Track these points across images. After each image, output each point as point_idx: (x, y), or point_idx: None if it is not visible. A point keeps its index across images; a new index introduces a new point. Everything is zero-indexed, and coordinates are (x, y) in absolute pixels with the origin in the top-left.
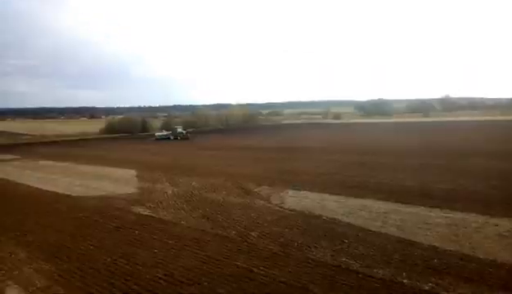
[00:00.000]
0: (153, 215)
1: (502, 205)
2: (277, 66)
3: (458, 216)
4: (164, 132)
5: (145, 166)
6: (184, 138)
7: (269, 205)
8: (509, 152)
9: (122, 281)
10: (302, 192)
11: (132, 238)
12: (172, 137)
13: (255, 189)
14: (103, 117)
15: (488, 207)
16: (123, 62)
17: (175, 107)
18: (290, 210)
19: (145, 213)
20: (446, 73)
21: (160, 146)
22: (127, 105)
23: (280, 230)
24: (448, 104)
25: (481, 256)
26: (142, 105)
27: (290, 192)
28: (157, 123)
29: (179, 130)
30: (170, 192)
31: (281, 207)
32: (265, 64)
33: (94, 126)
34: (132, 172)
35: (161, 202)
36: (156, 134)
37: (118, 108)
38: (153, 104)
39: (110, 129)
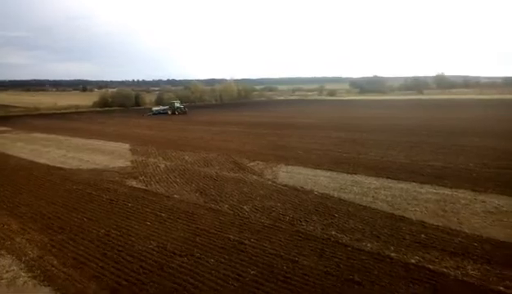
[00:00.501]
0: (146, 188)
1: (491, 182)
2: (272, 42)
3: (447, 192)
4: (162, 107)
5: (139, 140)
6: (182, 113)
7: (262, 180)
8: (503, 131)
9: (114, 252)
10: (295, 167)
11: (125, 211)
12: (170, 112)
13: (249, 164)
14: (96, 90)
15: (477, 184)
16: (116, 36)
17: (169, 81)
18: (283, 185)
19: (138, 186)
20: (440, 51)
21: (155, 121)
22: (120, 79)
23: (273, 204)
24: (442, 82)
25: (467, 231)
26: (136, 79)
27: (283, 167)
28: (150, 98)
29: (177, 104)
30: (163, 166)
31: (274, 182)
32: (260, 40)
33: (87, 100)
34: (126, 146)
35: (154, 176)
36: (153, 108)
37: (111, 81)
38: (146, 78)
39: (104, 103)
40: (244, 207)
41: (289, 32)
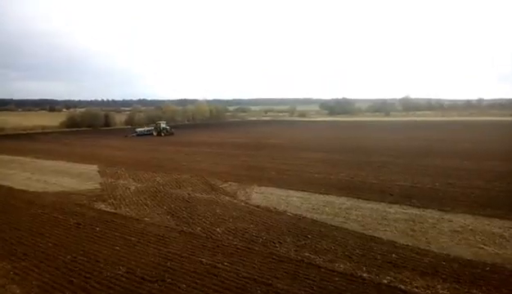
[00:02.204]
0: (115, 211)
1: (457, 202)
2: (244, 63)
3: (415, 212)
4: (146, 128)
5: (108, 161)
6: (168, 134)
7: (235, 201)
8: (464, 151)
9: (82, 279)
10: (268, 188)
11: (93, 235)
12: (155, 133)
13: (221, 185)
14: (64, 110)
15: (444, 203)
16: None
17: (139, 101)
18: (256, 206)
19: (107, 209)
20: (406, 75)
21: (126, 141)
22: (89, 98)
23: (246, 226)
24: (408, 105)
25: (436, 251)
26: (105, 99)
27: (256, 188)
28: (121, 118)
29: (163, 125)
30: (133, 188)
31: (247, 203)
32: (231, 61)
33: (54, 120)
34: (94, 167)
35: (124, 199)
36: (137, 129)
37: (80, 101)
38: (116, 98)
39: (71, 123)
40: (217, 230)
41: (261, 53)
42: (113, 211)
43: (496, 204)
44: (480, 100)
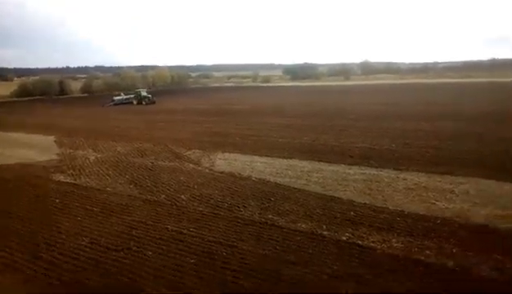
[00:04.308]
0: (75, 182)
1: (412, 161)
2: (206, 28)
3: (373, 172)
4: (124, 96)
5: (66, 131)
6: (150, 102)
7: (199, 168)
8: (422, 113)
9: (44, 251)
10: (232, 154)
11: (53, 207)
12: (135, 102)
13: (185, 153)
14: (15, 79)
15: (400, 163)
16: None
17: (97, 68)
18: (220, 172)
19: (67, 180)
20: (365, 39)
21: (82, 110)
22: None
23: (210, 192)
24: (367, 69)
25: (391, 208)
26: (60, 66)
27: (220, 154)
28: (77, 85)
29: (144, 93)
30: (93, 158)
31: (211, 170)
32: (193, 27)
33: (4, 89)
34: (51, 138)
35: (83, 169)
36: (115, 98)
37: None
38: (71, 65)
39: (24, 92)
40: (182, 197)
41: (222, 19)
42: (72, 181)
43: (448, 162)
44: (435, 63)
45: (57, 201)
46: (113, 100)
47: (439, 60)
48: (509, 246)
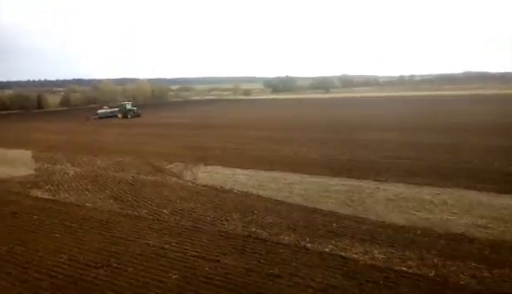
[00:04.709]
0: (53, 198)
1: (391, 172)
2: (186, 42)
3: (354, 183)
4: (108, 109)
5: (44, 146)
6: (135, 115)
7: (181, 181)
8: (399, 125)
9: (20, 269)
10: (214, 167)
11: (30, 224)
12: (120, 115)
13: (167, 167)
14: None
15: (379, 174)
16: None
17: (75, 81)
18: (203, 185)
19: (44, 196)
20: (345, 53)
21: (62, 124)
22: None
23: (193, 206)
24: (346, 82)
25: (372, 218)
26: (38, 79)
27: (202, 167)
28: (55, 99)
29: (129, 106)
30: (72, 173)
31: (194, 183)
32: (174, 39)
33: None
34: (28, 153)
35: (62, 184)
36: (99, 111)
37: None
38: (49, 78)
39: (0, 106)
40: (164, 211)
41: (203, 32)
42: (51, 197)
43: (425, 173)
44: (412, 76)
45: (35, 217)
46: (97, 114)
47: (415, 73)
48: (485, 254)
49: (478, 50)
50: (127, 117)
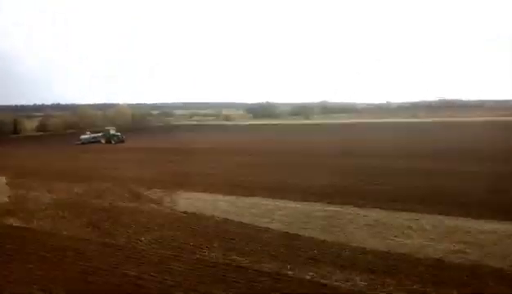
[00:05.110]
0: (27, 226)
1: (370, 198)
2: (167, 66)
3: (334, 208)
4: (91, 135)
5: (19, 172)
6: (119, 141)
7: (160, 208)
8: (376, 150)
9: None
10: (194, 193)
11: (2, 254)
12: (103, 141)
13: (146, 193)
14: None
15: (359, 199)
16: None
17: (54, 106)
18: (182, 212)
19: (17, 224)
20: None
21: (39, 149)
22: None
23: (172, 234)
24: (326, 108)
25: (353, 244)
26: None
27: (182, 194)
28: (32, 124)
29: (112, 132)
30: (48, 200)
31: (173, 210)
32: (153, 64)
33: None
34: (2, 179)
35: (37, 212)
36: (82, 136)
37: None
38: (27, 103)
39: None
40: (142, 239)
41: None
42: (24, 226)
43: (404, 199)
44: (388, 104)
45: (7, 247)
46: (80, 139)
47: (392, 101)
48: (465, 280)
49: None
50: (110, 142)
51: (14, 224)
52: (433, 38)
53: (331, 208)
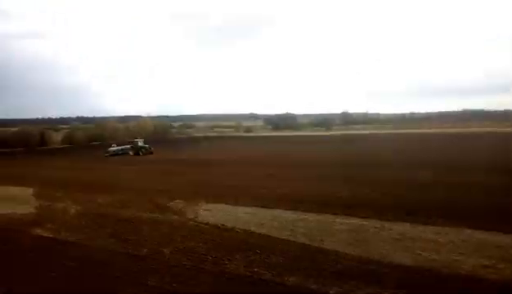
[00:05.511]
0: (53, 236)
1: (394, 210)
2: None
3: (358, 222)
4: (119, 147)
5: (46, 183)
6: (148, 152)
7: (182, 219)
8: (400, 161)
9: None
10: (216, 205)
11: (28, 263)
12: (132, 152)
13: (168, 204)
14: None
15: (383, 212)
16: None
17: (78, 119)
18: (204, 223)
19: (45, 235)
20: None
21: (64, 161)
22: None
23: (194, 245)
24: (347, 119)
25: (378, 259)
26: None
27: (204, 205)
28: (58, 136)
29: (140, 143)
30: (73, 211)
31: (195, 221)
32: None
33: None
34: (29, 191)
35: (63, 223)
36: (110, 148)
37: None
38: (53, 116)
39: (3, 143)
40: (165, 250)
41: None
42: (50, 236)
43: (428, 212)
44: (412, 114)
45: (34, 256)
46: (108, 151)
47: (415, 111)
48: None
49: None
50: (138, 154)
51: (40, 235)
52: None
53: (355, 221)
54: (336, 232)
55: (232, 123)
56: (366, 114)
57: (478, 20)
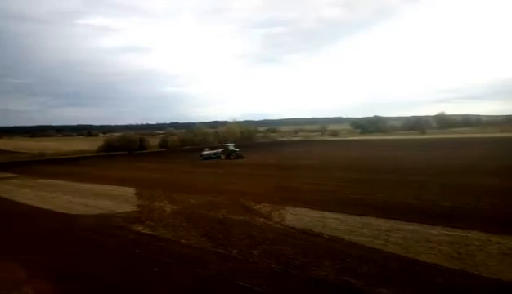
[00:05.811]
0: (152, 233)
1: (502, 222)
2: (274, 84)
3: (460, 233)
4: (212, 151)
5: (145, 183)
6: (238, 157)
7: (270, 222)
8: (505, 169)
9: None
10: (302, 209)
11: (132, 257)
12: (223, 156)
13: (255, 207)
14: (101, 135)
15: (489, 225)
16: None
17: (172, 124)
18: (291, 228)
19: (145, 232)
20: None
21: (161, 164)
22: (124, 123)
23: (282, 248)
24: (444, 122)
25: (485, 275)
26: (139, 123)
27: (290, 209)
28: (155, 141)
29: (231, 148)
30: (169, 210)
31: (282, 225)
32: (262, 82)
33: (92, 144)
34: (131, 190)
35: (160, 221)
36: (203, 152)
37: (115, 126)
38: (150, 122)
39: (108, 147)
40: (253, 252)
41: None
42: (150, 233)
43: None
44: None
45: (137, 251)
46: (201, 155)
47: None
48: None
49: None
50: (230, 158)
51: (142, 231)
52: None
53: (456, 233)
54: (435, 243)
55: (317, 127)
56: (466, 116)
57: None
